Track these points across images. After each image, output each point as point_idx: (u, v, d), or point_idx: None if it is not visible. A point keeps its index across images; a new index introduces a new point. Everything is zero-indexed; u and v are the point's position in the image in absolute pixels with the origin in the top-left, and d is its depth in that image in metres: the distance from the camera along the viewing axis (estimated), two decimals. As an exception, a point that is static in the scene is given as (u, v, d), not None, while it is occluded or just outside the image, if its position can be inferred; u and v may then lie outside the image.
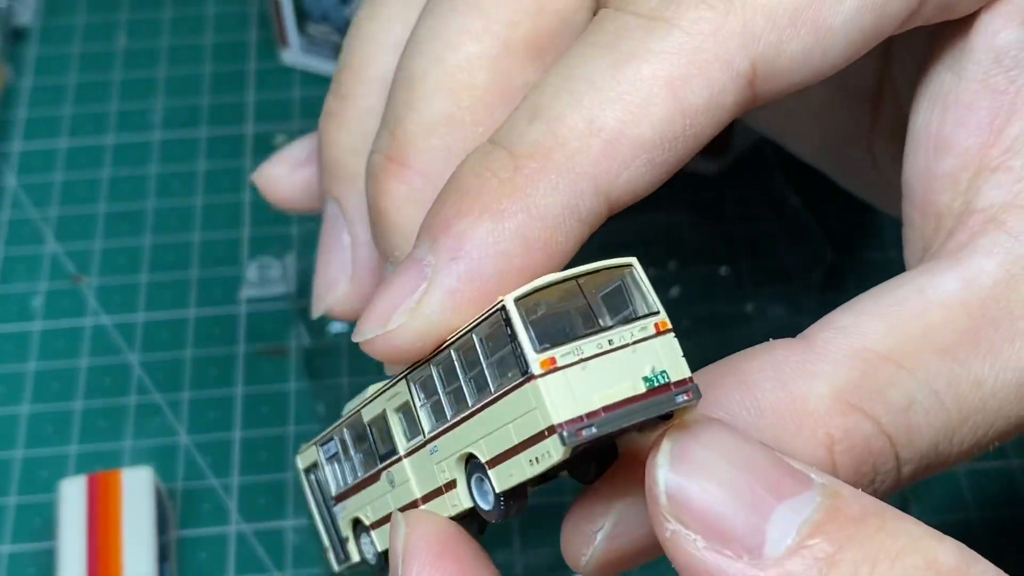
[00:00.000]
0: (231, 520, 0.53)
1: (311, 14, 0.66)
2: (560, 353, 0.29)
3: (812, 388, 0.32)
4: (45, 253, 0.62)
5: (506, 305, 0.29)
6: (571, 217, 0.32)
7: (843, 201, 0.61)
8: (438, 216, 0.32)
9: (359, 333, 0.33)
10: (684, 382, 0.30)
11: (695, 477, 0.29)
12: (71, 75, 0.69)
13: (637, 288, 0.30)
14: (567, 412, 0.29)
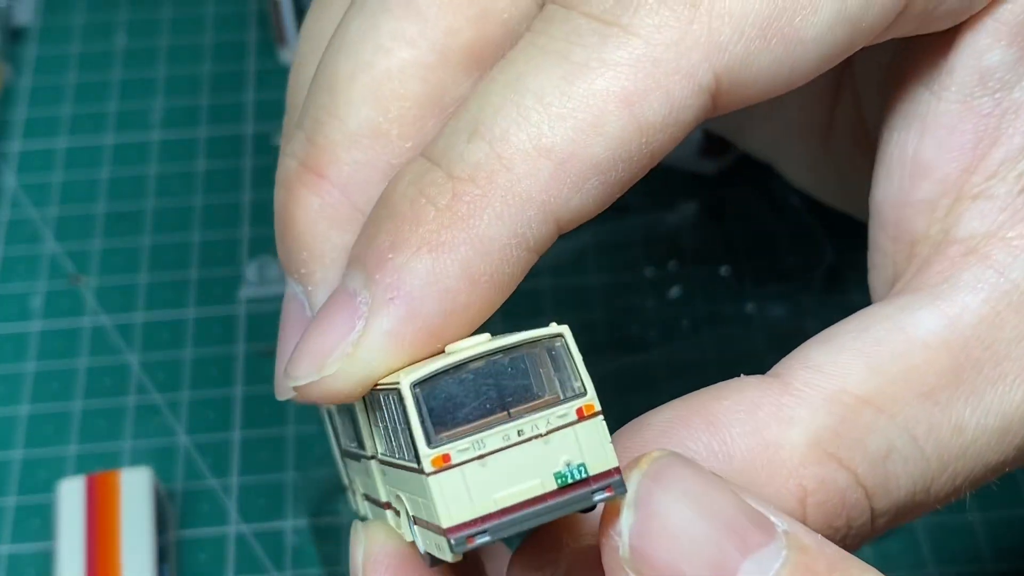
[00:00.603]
0: (230, 521, 0.53)
1: (311, 14, 0.65)
2: (457, 448, 0.27)
3: (787, 435, 0.30)
4: (44, 253, 0.62)
5: (401, 391, 0.27)
6: (519, 247, 0.29)
7: (843, 201, 0.61)
8: (371, 247, 0.30)
9: (291, 377, 0.31)
10: (607, 474, 0.27)
11: (660, 530, 0.27)
12: (70, 75, 0.69)
13: (567, 362, 0.27)
14: (458, 515, 0.26)
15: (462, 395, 0.27)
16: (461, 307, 0.29)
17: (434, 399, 0.27)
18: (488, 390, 0.27)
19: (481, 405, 0.27)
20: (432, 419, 0.27)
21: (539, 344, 0.28)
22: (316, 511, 0.53)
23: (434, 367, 0.27)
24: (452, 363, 0.27)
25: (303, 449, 0.55)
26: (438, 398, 0.27)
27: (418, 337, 0.29)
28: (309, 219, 0.34)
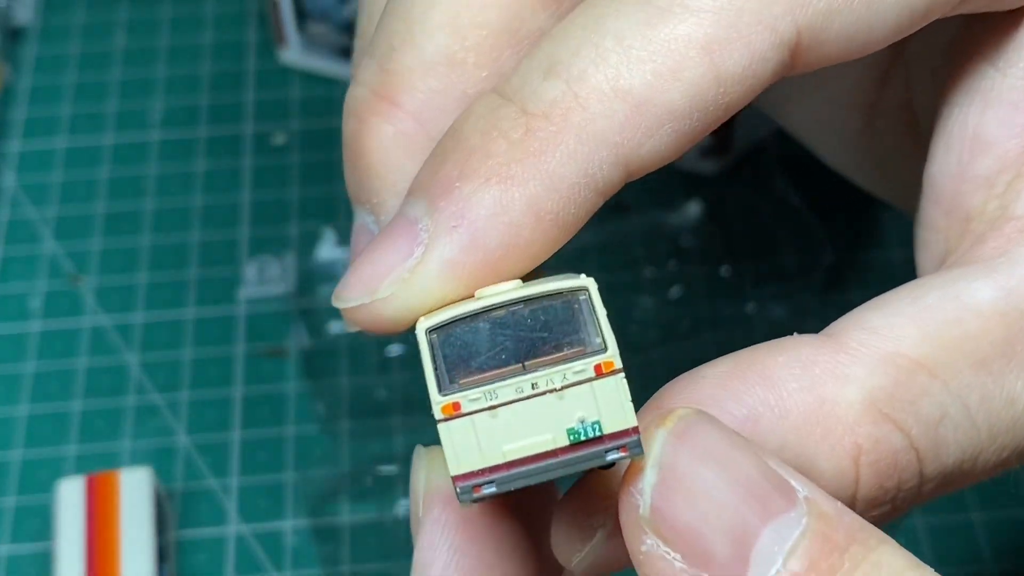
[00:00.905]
0: (230, 521, 0.53)
1: (311, 13, 0.65)
2: (468, 398, 0.26)
3: (842, 392, 0.30)
4: (44, 253, 0.61)
5: (417, 334, 0.27)
6: (587, 188, 0.29)
7: (844, 201, 0.61)
8: (437, 175, 0.29)
9: (341, 299, 0.30)
10: (623, 434, 0.26)
11: (682, 491, 0.26)
12: (70, 74, 0.69)
13: (590, 316, 0.27)
14: (466, 464, 0.26)
15: (478, 344, 0.27)
16: (523, 242, 0.29)
17: (449, 346, 0.27)
18: (505, 340, 0.27)
19: (496, 355, 0.27)
20: (445, 366, 0.27)
21: (562, 296, 0.27)
22: (316, 511, 0.53)
23: (452, 313, 0.27)
24: (470, 311, 0.27)
25: (303, 449, 0.55)
26: (453, 345, 0.27)
27: (476, 269, 0.28)
28: (382, 148, 0.33)
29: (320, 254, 0.60)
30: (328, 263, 0.60)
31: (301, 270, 0.59)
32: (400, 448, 0.54)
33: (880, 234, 0.61)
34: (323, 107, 0.67)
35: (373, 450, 0.54)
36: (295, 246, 0.60)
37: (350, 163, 0.34)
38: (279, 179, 0.64)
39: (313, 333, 0.57)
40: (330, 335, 0.58)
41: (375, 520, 0.52)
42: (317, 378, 0.57)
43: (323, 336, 0.58)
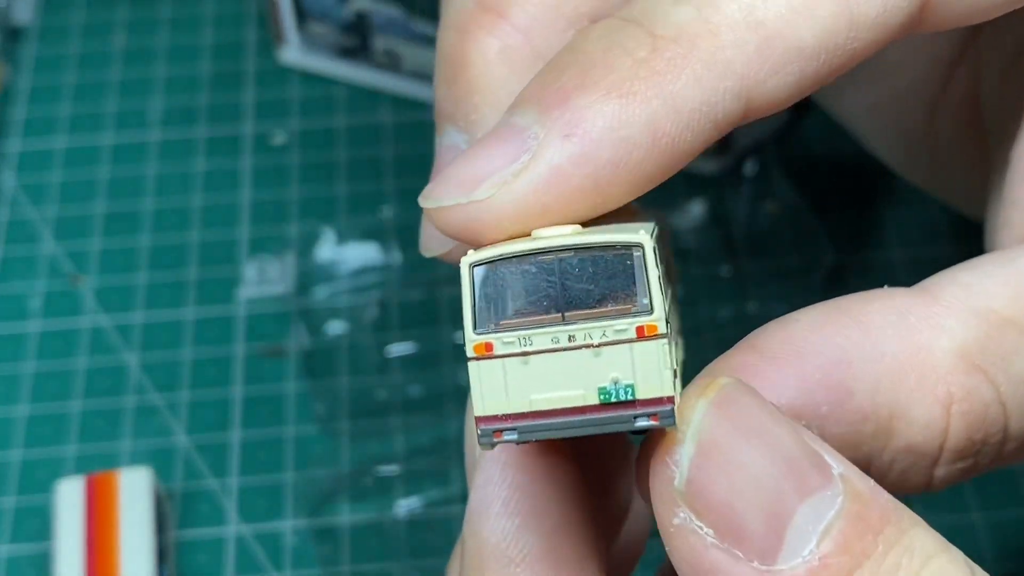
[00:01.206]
0: (230, 521, 0.53)
1: (311, 12, 0.65)
2: (502, 340, 0.26)
3: (937, 341, 0.30)
4: (43, 253, 0.61)
5: (460, 267, 0.26)
6: (707, 117, 0.28)
7: (845, 201, 0.61)
8: (553, 85, 0.28)
9: (431, 198, 0.29)
10: (656, 401, 0.25)
11: (720, 464, 0.26)
12: (69, 74, 0.68)
13: (641, 274, 0.26)
14: (491, 407, 0.26)
15: (520, 286, 0.26)
16: (633, 163, 0.28)
17: (491, 285, 0.26)
18: (549, 287, 0.26)
19: (537, 301, 0.26)
20: (484, 304, 0.26)
21: (615, 249, 0.26)
22: (315, 512, 0.53)
23: (499, 251, 0.26)
24: (518, 251, 0.26)
25: (302, 450, 0.55)
26: (495, 284, 0.26)
27: (582, 184, 0.27)
28: (487, 62, 0.32)
29: (320, 254, 0.60)
30: (328, 263, 0.59)
31: (301, 270, 0.59)
32: (400, 448, 0.54)
33: (881, 234, 0.60)
34: (323, 107, 0.67)
35: (373, 450, 0.54)
36: (295, 246, 0.60)
37: (447, 78, 0.33)
38: (279, 179, 0.64)
39: (313, 333, 0.57)
40: (330, 335, 0.57)
41: (375, 520, 0.52)
42: (317, 378, 0.56)
43: (323, 336, 0.57)
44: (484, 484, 0.30)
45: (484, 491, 0.30)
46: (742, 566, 0.25)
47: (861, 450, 0.30)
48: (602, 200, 0.28)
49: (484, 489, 0.30)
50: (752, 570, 0.25)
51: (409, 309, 0.58)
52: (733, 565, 0.26)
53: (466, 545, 0.30)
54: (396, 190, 0.63)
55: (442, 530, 0.52)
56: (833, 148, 0.62)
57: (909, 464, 0.30)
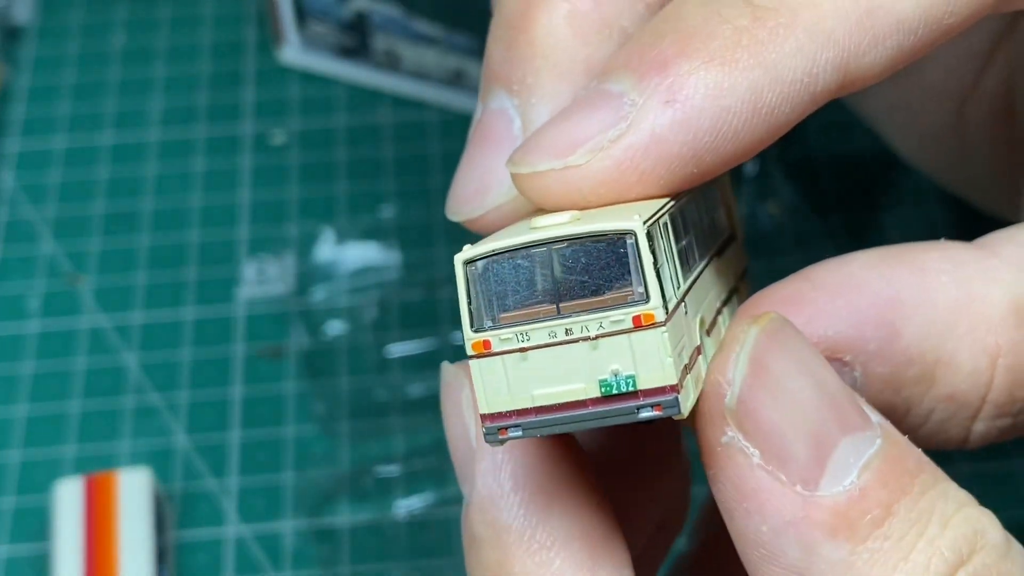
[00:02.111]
0: (229, 522, 0.53)
1: (311, 12, 0.65)
2: (500, 337, 0.25)
3: (990, 292, 0.30)
4: (42, 253, 0.61)
5: (455, 267, 0.26)
6: (806, 89, 0.28)
7: (844, 201, 0.61)
8: (650, 52, 0.28)
9: (524, 163, 0.28)
10: (659, 391, 0.25)
11: (771, 387, 0.26)
12: (68, 74, 0.68)
13: (635, 262, 0.25)
14: (495, 404, 0.26)
15: (515, 281, 0.26)
16: (732, 132, 0.27)
17: (485, 281, 0.26)
18: (543, 280, 0.26)
19: (532, 295, 0.26)
20: (480, 302, 0.26)
21: (607, 238, 0.25)
22: (315, 512, 0.52)
23: (492, 246, 0.26)
24: (511, 245, 0.26)
25: (302, 450, 0.55)
26: (489, 280, 0.26)
27: (681, 151, 0.27)
28: (553, 25, 0.31)
29: (319, 254, 0.60)
30: (327, 263, 0.59)
31: (300, 270, 0.59)
32: (400, 449, 0.54)
33: (881, 234, 0.60)
34: (322, 107, 0.66)
35: (372, 451, 0.54)
36: (294, 246, 0.60)
37: (506, 39, 0.32)
38: (278, 179, 0.64)
39: (312, 333, 0.57)
40: (329, 335, 0.57)
41: (374, 521, 0.52)
42: (316, 378, 0.56)
43: (322, 336, 0.57)
44: (491, 470, 0.29)
45: (492, 477, 0.29)
46: (785, 489, 0.26)
47: (901, 394, 0.30)
48: (698, 170, 0.28)
49: (492, 475, 0.29)
50: (795, 494, 0.26)
51: (409, 309, 0.58)
52: (777, 487, 0.26)
53: (477, 542, 0.29)
54: (396, 190, 0.63)
55: (442, 531, 0.52)
56: (833, 148, 0.62)
57: (949, 414, 0.31)
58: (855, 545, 0.26)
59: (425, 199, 0.62)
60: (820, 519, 0.26)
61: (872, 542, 0.26)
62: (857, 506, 0.26)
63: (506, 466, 0.29)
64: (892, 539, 0.26)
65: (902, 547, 0.26)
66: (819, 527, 0.26)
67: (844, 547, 0.26)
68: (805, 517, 0.26)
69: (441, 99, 0.66)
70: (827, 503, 0.26)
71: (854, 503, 0.26)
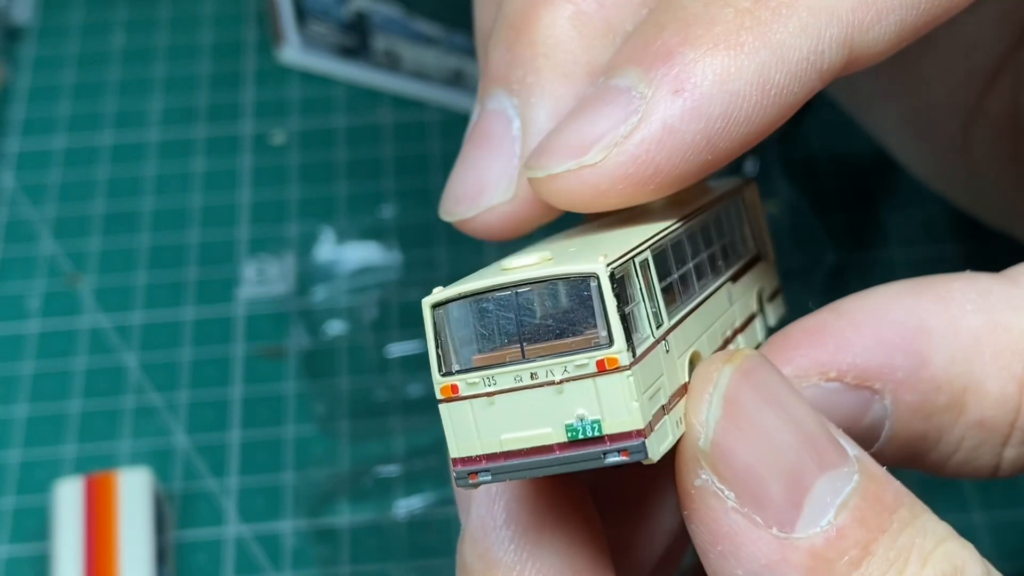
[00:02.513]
0: (229, 522, 0.53)
1: (310, 11, 0.65)
2: (467, 381, 0.25)
3: (1016, 321, 0.30)
4: (42, 253, 0.61)
5: (423, 309, 0.26)
6: (813, 67, 0.28)
7: (845, 201, 0.61)
8: (654, 43, 0.28)
9: (539, 167, 0.28)
10: (625, 436, 0.25)
11: (745, 428, 0.26)
12: (68, 74, 0.68)
13: (599, 305, 0.25)
14: (465, 448, 0.25)
15: (481, 325, 0.25)
16: (744, 117, 0.27)
17: (453, 325, 0.25)
18: (508, 324, 0.25)
19: (499, 339, 0.25)
20: (448, 346, 0.25)
21: (571, 282, 0.25)
22: (315, 512, 0.52)
23: (456, 290, 0.25)
24: (475, 289, 0.25)
25: (302, 450, 0.54)
26: (457, 325, 0.25)
27: (694, 140, 0.27)
28: (557, 25, 0.31)
29: (319, 254, 0.60)
30: (327, 263, 0.59)
31: (300, 270, 0.59)
32: (400, 449, 0.54)
33: (881, 233, 0.60)
34: (322, 106, 0.66)
35: (372, 451, 0.54)
36: (294, 246, 0.60)
37: (507, 39, 0.32)
38: (278, 179, 0.64)
39: (312, 333, 0.57)
40: (329, 335, 0.57)
41: (374, 521, 0.52)
42: (316, 378, 0.56)
43: (322, 336, 0.57)
44: (485, 501, 0.29)
45: (487, 508, 0.29)
46: (761, 532, 0.26)
47: (932, 421, 0.30)
48: (712, 157, 0.28)
49: (486, 507, 0.29)
50: (771, 537, 0.25)
51: (409, 309, 0.58)
52: (752, 530, 0.26)
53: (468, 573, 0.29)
54: (396, 190, 0.63)
55: (442, 531, 0.52)
56: (833, 148, 0.62)
57: (979, 441, 0.30)
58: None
59: (425, 199, 0.62)
60: (797, 562, 0.25)
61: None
62: (835, 547, 0.25)
63: (500, 498, 0.28)
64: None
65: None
66: (796, 570, 0.25)
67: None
68: (781, 560, 0.25)
69: (441, 99, 0.66)
70: (804, 545, 0.25)
71: (831, 544, 0.25)
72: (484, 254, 0.60)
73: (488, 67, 0.32)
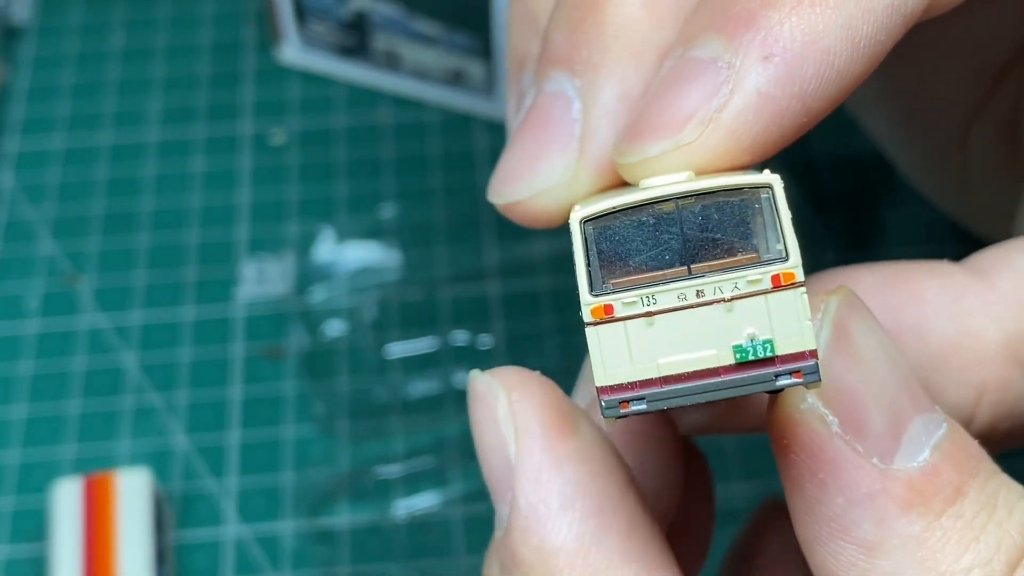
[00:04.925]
0: (229, 522, 0.53)
1: (310, 10, 0.65)
2: (623, 301, 0.23)
3: (986, 330, 0.30)
4: (41, 253, 0.61)
5: (571, 224, 0.24)
6: (897, 11, 0.27)
7: (845, 201, 0.61)
8: (733, 8, 0.26)
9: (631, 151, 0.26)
10: (798, 356, 0.23)
11: (853, 354, 0.25)
12: (67, 74, 0.68)
13: (772, 218, 0.24)
14: (615, 375, 0.23)
15: (639, 240, 0.24)
16: (836, 72, 0.26)
17: (606, 240, 0.24)
18: (671, 239, 0.24)
19: (659, 255, 0.24)
20: (599, 263, 0.24)
21: (740, 193, 0.24)
22: (314, 513, 0.52)
23: (612, 203, 0.24)
24: (632, 201, 0.24)
25: (302, 451, 0.54)
26: (610, 240, 0.24)
27: (790, 104, 0.26)
28: (628, 4, 0.29)
29: (319, 254, 0.60)
30: (327, 263, 0.59)
31: (300, 270, 0.59)
32: (400, 449, 0.54)
33: (881, 233, 0.60)
34: (322, 106, 0.66)
35: (372, 451, 0.54)
36: (294, 246, 0.60)
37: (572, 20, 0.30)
38: (278, 178, 0.64)
39: (312, 333, 0.57)
40: (329, 335, 0.57)
41: (374, 521, 0.52)
42: (316, 379, 0.56)
43: (322, 336, 0.57)
44: (535, 488, 0.27)
45: (537, 495, 0.27)
46: (862, 460, 0.25)
47: None
48: (807, 118, 0.27)
49: (536, 493, 0.27)
50: (871, 466, 0.25)
51: (409, 309, 0.58)
52: (854, 458, 0.25)
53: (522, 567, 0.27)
54: (396, 190, 0.63)
55: (442, 531, 0.52)
56: (833, 148, 0.62)
57: None
58: (929, 521, 0.25)
59: (425, 199, 0.62)
60: (896, 493, 0.25)
61: (946, 519, 0.25)
62: (932, 483, 0.25)
63: (552, 483, 0.27)
64: (964, 518, 0.26)
65: (974, 527, 0.26)
66: (895, 501, 0.25)
67: (918, 523, 0.25)
68: (882, 490, 0.25)
69: (441, 99, 0.66)
70: (903, 477, 0.25)
71: (928, 480, 0.25)
72: (484, 254, 0.60)
73: (549, 49, 0.31)
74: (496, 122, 0.65)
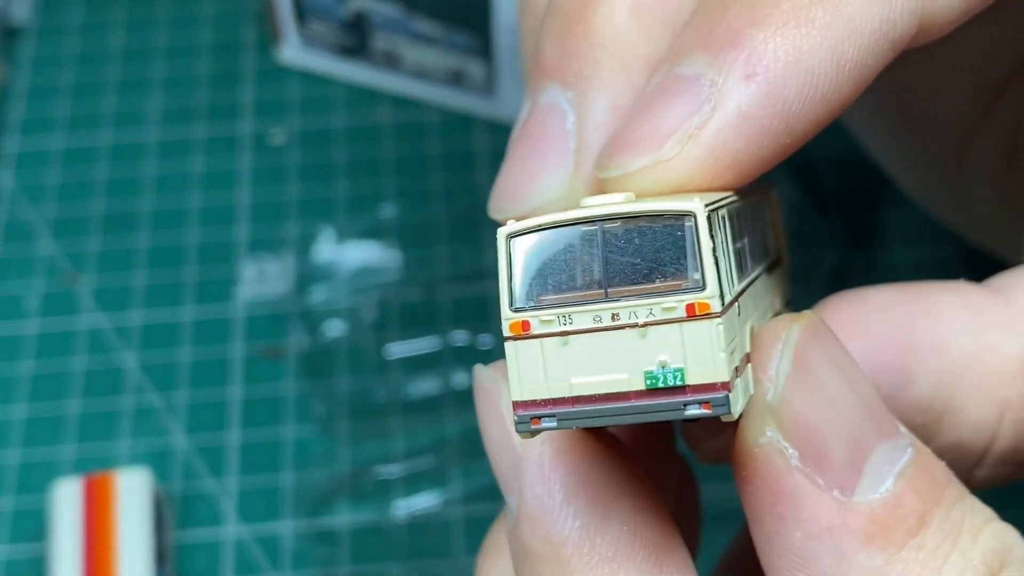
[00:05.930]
0: (228, 522, 0.53)
1: (310, 10, 0.65)
2: (540, 318, 0.24)
3: (1005, 345, 0.29)
4: (41, 253, 0.61)
5: (497, 241, 0.24)
6: (884, 37, 0.27)
7: (846, 201, 0.61)
8: (719, 27, 0.26)
9: (612, 166, 0.27)
10: (709, 387, 0.23)
11: (814, 386, 0.25)
12: (67, 74, 0.68)
13: (693, 247, 0.23)
14: (529, 391, 0.24)
15: (562, 260, 0.24)
16: (820, 95, 0.26)
17: (529, 257, 0.24)
18: (591, 260, 0.24)
19: (579, 275, 0.24)
20: (521, 279, 0.24)
21: (664, 219, 0.23)
22: (314, 513, 0.52)
23: (539, 220, 0.24)
24: (559, 220, 0.24)
25: (301, 451, 0.54)
26: (533, 257, 0.24)
27: (772, 125, 0.26)
28: (616, 15, 0.29)
29: (319, 254, 0.60)
30: (327, 263, 0.59)
31: (300, 270, 0.59)
32: (400, 449, 0.54)
33: (882, 234, 0.60)
34: (322, 106, 0.66)
35: (372, 451, 0.54)
36: (294, 246, 0.60)
37: (561, 30, 0.30)
38: (277, 178, 0.64)
39: (312, 333, 0.57)
40: (329, 336, 0.57)
41: (374, 521, 0.52)
42: (316, 379, 0.56)
43: (322, 336, 0.57)
44: (539, 479, 0.27)
45: (542, 487, 0.27)
46: (822, 494, 0.25)
47: None
48: (790, 139, 0.27)
49: (541, 485, 0.27)
50: (832, 499, 0.25)
51: (409, 309, 0.58)
52: (814, 491, 0.25)
53: (532, 558, 0.28)
54: (396, 190, 0.63)
55: (442, 531, 0.52)
56: (834, 148, 0.62)
57: (951, 460, 0.30)
58: (890, 555, 0.25)
59: (425, 199, 0.62)
60: (857, 526, 0.25)
61: (907, 552, 0.25)
62: (893, 514, 0.25)
63: (555, 474, 0.27)
64: (927, 549, 0.25)
65: (936, 558, 0.25)
66: (855, 534, 0.25)
67: (879, 556, 0.25)
68: (841, 523, 0.25)
69: (441, 99, 0.66)
70: (864, 510, 0.25)
71: (890, 511, 0.25)
72: (484, 254, 0.60)
73: (540, 60, 0.31)
74: (496, 122, 0.65)
